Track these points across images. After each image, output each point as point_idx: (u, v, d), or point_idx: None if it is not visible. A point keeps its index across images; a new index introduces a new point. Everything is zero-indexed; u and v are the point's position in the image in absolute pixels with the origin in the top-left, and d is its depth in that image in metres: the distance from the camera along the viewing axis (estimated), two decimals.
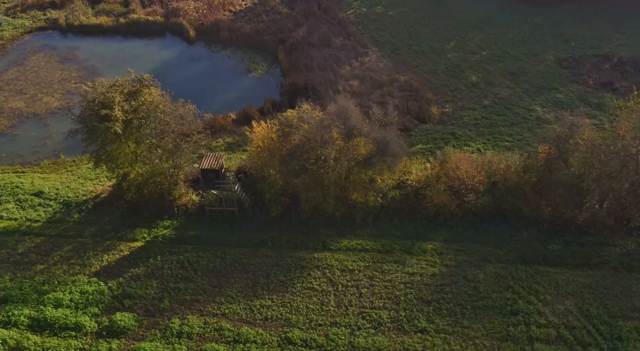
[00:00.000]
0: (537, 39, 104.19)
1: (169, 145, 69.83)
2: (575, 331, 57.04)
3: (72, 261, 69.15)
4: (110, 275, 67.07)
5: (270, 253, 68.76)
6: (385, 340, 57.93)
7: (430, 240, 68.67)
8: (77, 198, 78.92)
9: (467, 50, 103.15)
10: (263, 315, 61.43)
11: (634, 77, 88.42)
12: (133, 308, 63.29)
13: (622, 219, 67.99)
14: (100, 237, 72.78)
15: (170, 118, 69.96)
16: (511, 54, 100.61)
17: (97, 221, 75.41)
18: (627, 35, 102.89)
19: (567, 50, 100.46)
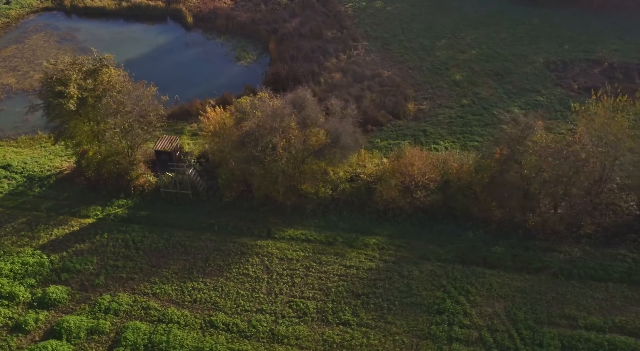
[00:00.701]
0: (531, 41, 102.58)
1: (123, 124, 70.74)
2: (497, 335, 56.21)
3: (22, 233, 70.82)
4: (55, 249, 68.48)
5: (214, 238, 69.31)
6: (306, 330, 57.99)
7: (375, 234, 68.32)
8: (42, 173, 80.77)
9: (457, 48, 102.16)
10: (192, 297, 62.01)
11: (621, 83, 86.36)
12: (69, 282, 64.52)
13: (573, 225, 66.53)
14: (55, 212, 74.29)
15: (126, 99, 70.93)
16: (500, 54, 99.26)
17: (56, 196, 77.02)
18: (624, 41, 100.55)
19: (558, 53, 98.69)
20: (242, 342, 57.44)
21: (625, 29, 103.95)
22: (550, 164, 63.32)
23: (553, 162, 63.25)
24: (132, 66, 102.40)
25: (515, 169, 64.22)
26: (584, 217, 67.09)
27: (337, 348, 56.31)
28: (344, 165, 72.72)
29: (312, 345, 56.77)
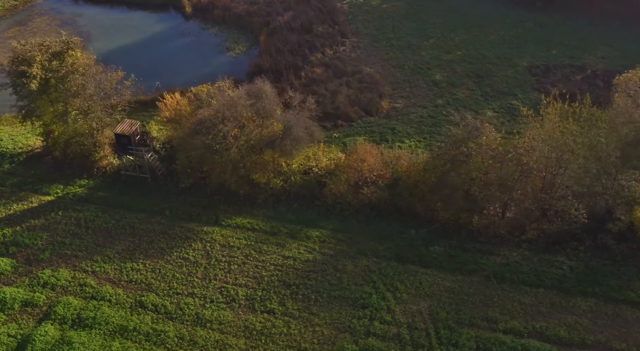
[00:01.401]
0: (519, 44, 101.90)
1: (83, 106, 72.75)
2: (415, 332, 56.63)
3: None
4: (10, 223, 70.91)
5: (164, 221, 70.94)
6: (231, 316, 59.18)
7: (320, 227, 69.12)
8: (14, 150, 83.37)
9: (444, 48, 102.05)
10: (129, 277, 63.71)
11: (600, 91, 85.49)
12: (16, 255, 66.80)
13: (517, 230, 66.41)
14: (19, 188, 76.82)
15: (89, 82, 72.88)
16: (485, 56, 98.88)
17: (23, 173, 79.59)
18: (613, 49, 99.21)
19: (544, 57, 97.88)
20: (166, 323, 58.77)
21: (617, 37, 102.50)
22: (492, 167, 63.10)
23: (494, 164, 63.04)
24: (125, 52, 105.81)
25: (456, 170, 64.20)
26: (528, 222, 66.64)
27: (257, 335, 57.21)
28: (299, 158, 73.45)
29: (233, 331, 57.84)
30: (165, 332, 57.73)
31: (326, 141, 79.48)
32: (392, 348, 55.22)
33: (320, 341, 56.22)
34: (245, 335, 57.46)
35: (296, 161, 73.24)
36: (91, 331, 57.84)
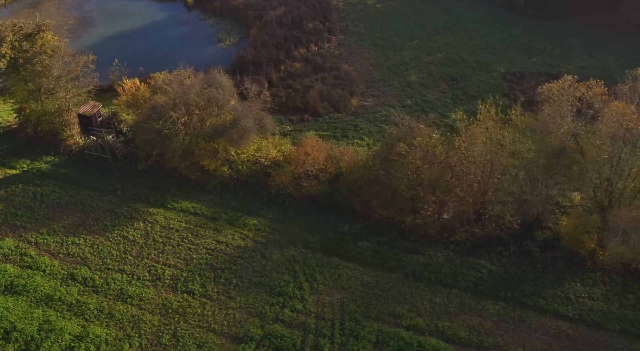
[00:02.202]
0: (501, 50, 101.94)
1: (48, 85, 76.16)
2: (321, 322, 58.21)
3: None
4: None
5: (114, 201, 73.94)
6: (152, 293, 61.73)
7: (260, 216, 71.16)
8: None
9: (425, 50, 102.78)
10: (68, 251, 66.82)
11: None
12: None
13: (447, 231, 67.39)
14: None
15: (55, 63, 76.22)
16: (464, 60, 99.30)
17: None
18: (594, 59, 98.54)
19: (523, 64, 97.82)
20: (90, 296, 61.63)
21: (602, 47, 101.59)
22: (423, 168, 64.16)
23: (424, 165, 64.07)
24: (123, 38, 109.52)
25: (387, 168, 65.44)
26: (459, 225, 67.49)
27: (172, 313, 59.59)
28: (250, 148, 75.41)
29: (150, 307, 60.33)
30: (87, 304, 60.41)
31: (281, 134, 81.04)
32: (295, 336, 56.56)
33: (230, 324, 58.20)
34: (161, 312, 59.74)
35: (246, 151, 75.03)
36: (18, 298, 60.76)
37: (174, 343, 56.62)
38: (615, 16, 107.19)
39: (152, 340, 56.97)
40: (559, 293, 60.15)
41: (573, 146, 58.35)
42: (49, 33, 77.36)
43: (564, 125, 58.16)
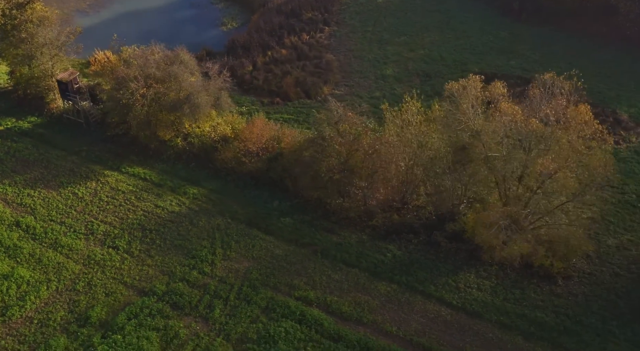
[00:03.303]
0: (483, 51, 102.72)
1: (30, 51, 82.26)
2: (222, 285, 62.05)
3: None
4: None
5: (77, 161, 79.62)
6: (82, 245, 66.91)
7: (201, 187, 75.41)
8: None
9: (410, 46, 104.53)
10: (21, 201, 72.69)
11: None
12: None
13: (367, 216, 70.05)
14: None
15: (40, 31, 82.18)
16: (444, 59, 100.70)
17: None
18: (571, 65, 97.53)
19: (499, 66, 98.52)
20: (27, 242, 67.19)
21: (584, 55, 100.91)
22: (341, 153, 67.02)
23: (344, 151, 66.89)
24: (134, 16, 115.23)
25: (311, 151, 68.53)
26: (379, 211, 70.02)
27: (93, 264, 64.59)
28: (206, 123, 79.56)
29: (76, 257, 65.48)
30: (22, 248, 65.94)
31: (247, 114, 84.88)
32: (194, 295, 60.60)
33: (140, 279, 62.63)
34: (85, 262, 64.72)
35: (202, 126, 79.17)
36: None
37: (86, 290, 61.33)
38: (607, 25, 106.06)
39: (68, 286, 61.81)
40: (450, 282, 61.98)
41: (471, 143, 59.96)
42: (38, 4, 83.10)
43: (463, 123, 59.79)
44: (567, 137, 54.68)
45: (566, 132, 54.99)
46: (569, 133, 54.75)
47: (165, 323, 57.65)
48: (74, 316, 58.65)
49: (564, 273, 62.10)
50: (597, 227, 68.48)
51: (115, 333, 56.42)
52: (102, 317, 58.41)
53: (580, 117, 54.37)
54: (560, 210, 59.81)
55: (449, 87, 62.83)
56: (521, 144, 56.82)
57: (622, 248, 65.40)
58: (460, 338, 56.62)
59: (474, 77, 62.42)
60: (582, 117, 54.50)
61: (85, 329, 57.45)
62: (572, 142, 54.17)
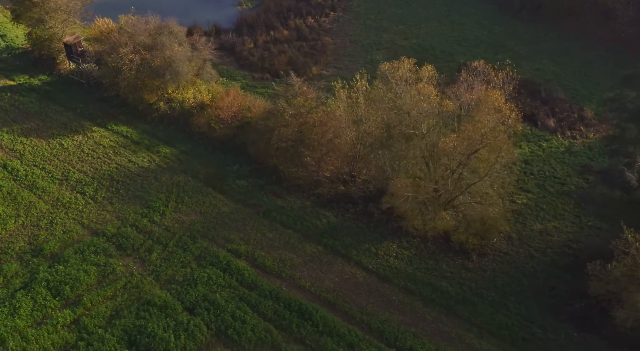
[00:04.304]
0: (474, 44, 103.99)
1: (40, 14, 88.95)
2: (165, 233, 66.80)
3: None
4: None
5: (71, 116, 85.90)
6: (54, 188, 72.96)
7: (174, 147, 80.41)
8: (17, 44, 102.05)
9: (405, 35, 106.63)
10: (13, 147, 79.38)
11: None
12: None
13: (314, 184, 73.77)
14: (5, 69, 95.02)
15: None
16: (433, 49, 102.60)
17: (10, 62, 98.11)
18: (554, 63, 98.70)
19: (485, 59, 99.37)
20: (9, 182, 73.70)
21: (571, 54, 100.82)
22: (289, 123, 70.90)
23: (291, 120, 70.73)
24: None
25: (266, 121, 72.61)
26: (328, 181, 73.64)
27: (59, 205, 70.44)
28: (189, 90, 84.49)
29: (46, 199, 71.53)
30: (2, 187, 72.30)
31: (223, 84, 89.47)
32: (139, 239, 65.73)
33: (96, 222, 68.14)
34: (52, 203, 70.66)
35: (185, 92, 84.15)
36: None
37: (47, 227, 67.21)
38: (603, 28, 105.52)
39: (33, 222, 67.86)
40: (372, 249, 65.10)
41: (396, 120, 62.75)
42: None
43: (392, 101, 62.61)
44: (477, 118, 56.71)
45: (477, 114, 57.05)
46: (480, 116, 56.76)
47: (106, 261, 62.60)
48: (31, 247, 64.37)
49: (480, 250, 63.93)
50: (529, 212, 69.61)
51: (60, 264, 61.48)
52: (54, 250, 63.86)
53: (490, 102, 56.27)
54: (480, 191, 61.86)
55: (382, 67, 65.31)
56: (435, 123, 59.16)
57: (545, 234, 66.67)
58: (365, 299, 59.64)
59: (405, 59, 64.61)
60: (492, 102, 56.38)
61: (37, 259, 62.97)
62: (478, 123, 56.19)
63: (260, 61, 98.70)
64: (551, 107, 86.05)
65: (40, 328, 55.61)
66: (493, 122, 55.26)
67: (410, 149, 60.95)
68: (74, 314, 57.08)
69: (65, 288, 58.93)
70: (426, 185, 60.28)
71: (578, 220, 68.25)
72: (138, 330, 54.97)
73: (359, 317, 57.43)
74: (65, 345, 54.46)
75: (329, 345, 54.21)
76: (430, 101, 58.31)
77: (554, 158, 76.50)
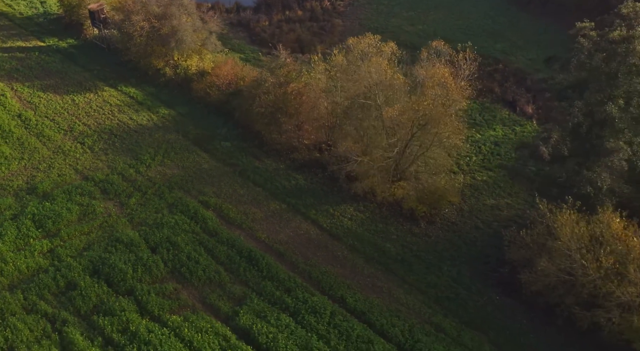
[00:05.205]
0: (475, 33, 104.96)
1: None
2: (147, 182, 71.48)
3: None
4: (6, 51, 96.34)
5: (87, 76, 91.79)
6: (58, 137, 78.89)
7: (173, 109, 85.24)
8: (53, 10, 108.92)
9: (413, 21, 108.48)
10: (31, 100, 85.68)
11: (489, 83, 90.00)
12: None
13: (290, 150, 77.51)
14: (31, 34, 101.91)
15: None
16: (436, 35, 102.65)
17: (45, 26, 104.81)
18: (546, 53, 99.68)
19: (483, 48, 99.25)
20: (20, 129, 79.98)
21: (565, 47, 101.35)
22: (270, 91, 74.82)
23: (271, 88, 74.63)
24: None
25: (252, 90, 76.68)
26: (305, 148, 77.33)
27: (60, 152, 76.25)
28: (194, 58, 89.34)
29: (50, 146, 77.47)
30: (13, 133, 78.69)
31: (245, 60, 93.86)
32: (122, 186, 70.93)
33: (90, 169, 73.56)
34: (54, 150, 76.65)
35: (190, 60, 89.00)
36: None
37: (45, 170, 73.16)
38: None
39: (34, 165, 73.92)
40: (330, 210, 68.48)
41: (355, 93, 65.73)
42: None
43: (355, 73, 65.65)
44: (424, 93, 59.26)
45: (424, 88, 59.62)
46: (425, 90, 59.32)
47: (89, 202, 67.94)
48: (27, 186, 70.29)
49: (429, 218, 66.42)
50: (486, 189, 71.74)
51: (47, 201, 67.20)
52: (47, 190, 69.56)
53: (436, 77, 58.74)
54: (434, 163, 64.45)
55: (350, 41, 68.26)
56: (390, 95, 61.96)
57: (495, 208, 68.70)
58: (313, 252, 63.21)
59: (370, 35, 67.38)
60: (439, 78, 58.83)
61: (30, 196, 68.77)
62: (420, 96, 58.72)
63: (271, 38, 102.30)
64: (534, 95, 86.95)
65: (19, 253, 60.82)
66: (434, 95, 57.37)
67: (365, 119, 63.64)
68: (51, 244, 62.15)
69: (48, 221, 64.18)
70: (383, 154, 62.91)
71: (531, 198, 69.33)
72: (102, 261, 59.66)
73: (303, 267, 60.78)
74: (38, 269, 59.52)
75: (268, 287, 57.87)
76: (381, 73, 60.82)
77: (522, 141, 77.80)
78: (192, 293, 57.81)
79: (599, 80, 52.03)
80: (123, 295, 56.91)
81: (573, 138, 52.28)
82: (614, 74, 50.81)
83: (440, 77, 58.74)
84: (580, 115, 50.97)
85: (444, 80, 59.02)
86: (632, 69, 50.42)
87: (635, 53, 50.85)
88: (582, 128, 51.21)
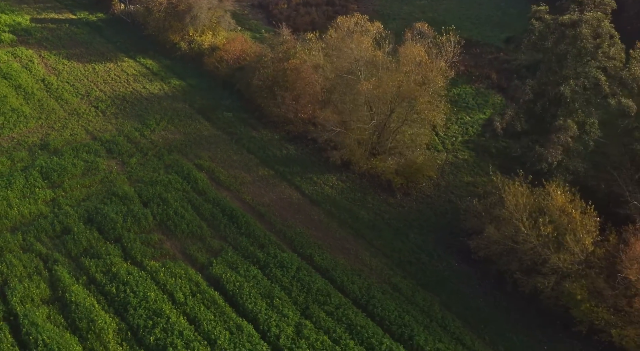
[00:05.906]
0: (484, 22, 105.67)
1: None
2: (149, 145, 75.57)
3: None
4: (41, 22, 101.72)
5: (110, 48, 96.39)
6: (76, 101, 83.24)
7: (184, 80, 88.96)
8: None
9: (425, 8, 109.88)
10: (55, 66, 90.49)
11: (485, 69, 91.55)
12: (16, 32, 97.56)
13: (286, 122, 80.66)
14: (65, 7, 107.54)
15: None
16: (445, 22, 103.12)
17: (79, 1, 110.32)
18: None
19: (489, 37, 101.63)
20: (42, 92, 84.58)
21: None
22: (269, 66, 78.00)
23: (270, 63, 77.82)
24: None
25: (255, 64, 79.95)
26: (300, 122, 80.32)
27: (75, 115, 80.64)
28: (208, 34, 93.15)
29: (67, 108, 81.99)
30: (35, 95, 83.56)
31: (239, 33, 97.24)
32: (126, 147, 74.99)
33: (100, 130, 77.70)
34: (70, 112, 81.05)
35: (204, 35, 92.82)
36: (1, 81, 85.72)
37: (59, 129, 77.69)
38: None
39: (50, 124, 78.54)
40: (314, 178, 71.27)
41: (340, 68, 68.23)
42: None
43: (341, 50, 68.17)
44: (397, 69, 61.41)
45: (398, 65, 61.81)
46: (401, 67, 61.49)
47: (94, 159, 72.09)
48: (40, 142, 74.81)
49: (406, 190, 68.66)
50: (465, 167, 73.57)
51: (56, 156, 71.78)
52: (57, 147, 73.97)
53: (410, 55, 60.83)
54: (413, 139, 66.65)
55: (338, 19, 70.68)
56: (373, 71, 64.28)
57: (471, 185, 70.35)
58: (291, 215, 66.14)
59: (358, 15, 69.65)
60: (414, 56, 60.92)
61: (41, 151, 73.23)
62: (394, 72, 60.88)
63: (286, 20, 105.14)
64: None
65: (24, 200, 65.32)
66: (407, 72, 59.49)
67: (348, 93, 66.14)
68: (53, 194, 66.43)
69: (53, 174, 68.46)
70: (360, 126, 65.39)
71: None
72: (97, 211, 63.67)
73: (279, 227, 63.78)
74: (39, 215, 63.83)
75: (243, 243, 61.10)
76: (362, 50, 63.16)
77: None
78: (175, 244, 61.22)
79: (549, 61, 53.33)
80: (111, 241, 60.50)
81: (529, 116, 53.79)
82: (563, 55, 52.07)
83: (416, 56, 60.58)
84: (532, 94, 52.42)
85: (419, 60, 60.82)
86: (581, 52, 51.60)
87: (581, 36, 52.01)
88: (537, 107, 52.70)
